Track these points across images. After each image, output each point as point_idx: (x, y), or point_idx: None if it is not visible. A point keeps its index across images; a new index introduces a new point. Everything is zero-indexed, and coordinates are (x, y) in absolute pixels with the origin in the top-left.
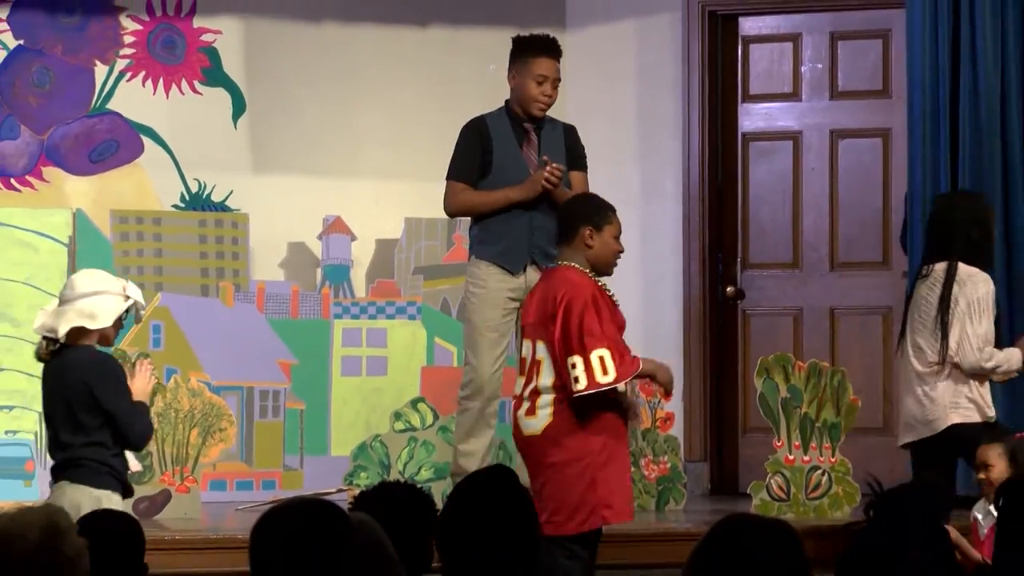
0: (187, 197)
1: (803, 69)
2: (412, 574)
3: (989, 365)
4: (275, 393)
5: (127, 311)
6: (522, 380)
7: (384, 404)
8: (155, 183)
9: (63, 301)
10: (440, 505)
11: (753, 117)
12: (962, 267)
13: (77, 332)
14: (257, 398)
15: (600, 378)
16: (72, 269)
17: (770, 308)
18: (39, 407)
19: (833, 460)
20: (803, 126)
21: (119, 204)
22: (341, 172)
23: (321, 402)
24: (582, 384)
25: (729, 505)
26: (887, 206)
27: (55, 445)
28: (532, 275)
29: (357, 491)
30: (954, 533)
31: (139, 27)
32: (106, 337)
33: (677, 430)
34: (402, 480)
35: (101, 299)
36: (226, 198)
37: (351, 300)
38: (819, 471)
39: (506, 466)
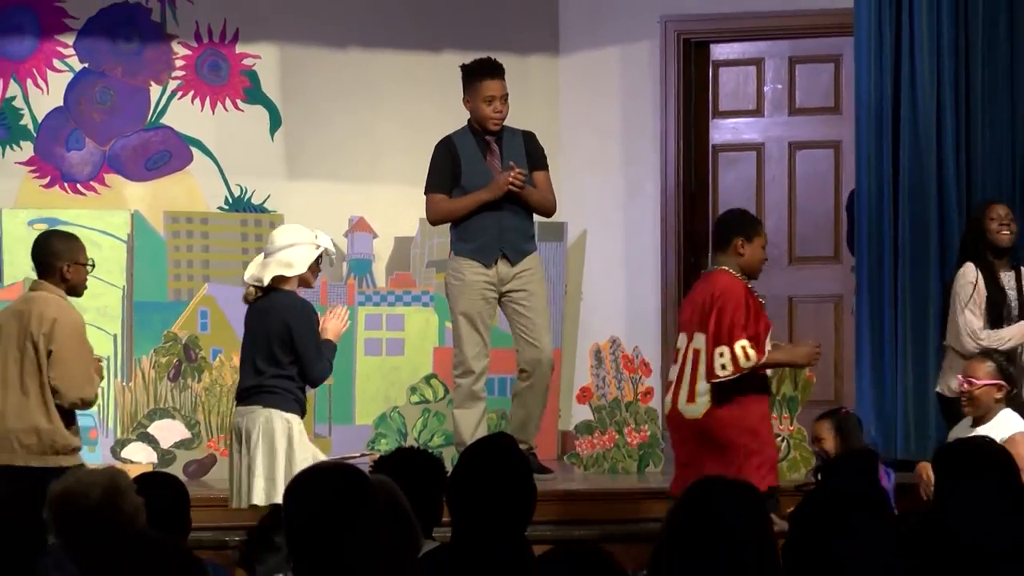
0: (230, 200)
1: (765, 89)
2: (425, 528)
3: (983, 344)
4: None
5: (319, 257)
6: (675, 368)
7: (401, 380)
8: (203, 188)
9: (266, 254)
10: (449, 468)
11: (722, 131)
12: (965, 265)
13: (279, 278)
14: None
15: (743, 363)
16: (131, 264)
17: None
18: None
19: (791, 429)
20: (765, 139)
21: (171, 206)
22: (364, 178)
23: (347, 378)
24: (728, 370)
25: None
26: (838, 208)
27: (251, 372)
28: (503, 267)
29: (378, 455)
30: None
31: (188, 52)
32: (305, 281)
33: (656, 403)
34: (417, 446)
35: (296, 250)
36: (264, 201)
37: (373, 290)
38: (779, 438)
39: (507, 434)
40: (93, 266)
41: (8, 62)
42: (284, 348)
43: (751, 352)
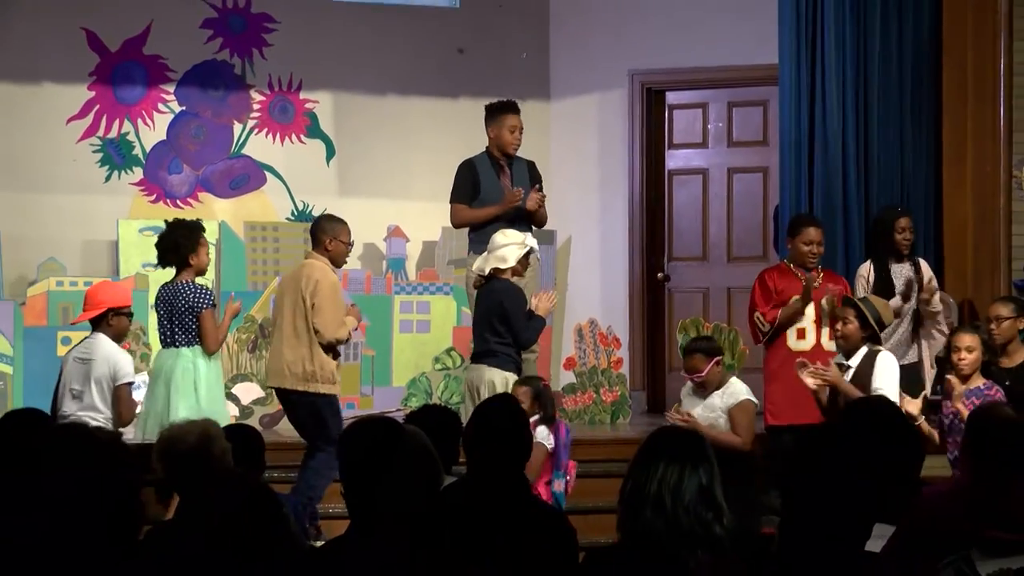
0: (295, 212)
1: (709, 127)
2: (446, 467)
3: None
4: (355, 344)
5: (527, 254)
6: None
7: (428, 352)
8: (274, 203)
9: (489, 251)
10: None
11: (675, 159)
12: (865, 263)
13: (497, 270)
14: (342, 348)
15: (760, 327)
16: (219, 262)
17: (687, 288)
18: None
19: None
20: (709, 165)
21: (250, 217)
22: (399, 195)
23: (385, 350)
24: (758, 331)
25: (659, 420)
26: (766, 219)
27: (479, 340)
28: None
29: (410, 410)
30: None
31: (263, 98)
32: (516, 271)
33: (625, 369)
34: (440, 403)
35: (509, 248)
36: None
37: (406, 282)
38: None
39: (509, 394)
40: (351, 245)
41: (123, 105)
42: (500, 321)
43: (762, 320)
